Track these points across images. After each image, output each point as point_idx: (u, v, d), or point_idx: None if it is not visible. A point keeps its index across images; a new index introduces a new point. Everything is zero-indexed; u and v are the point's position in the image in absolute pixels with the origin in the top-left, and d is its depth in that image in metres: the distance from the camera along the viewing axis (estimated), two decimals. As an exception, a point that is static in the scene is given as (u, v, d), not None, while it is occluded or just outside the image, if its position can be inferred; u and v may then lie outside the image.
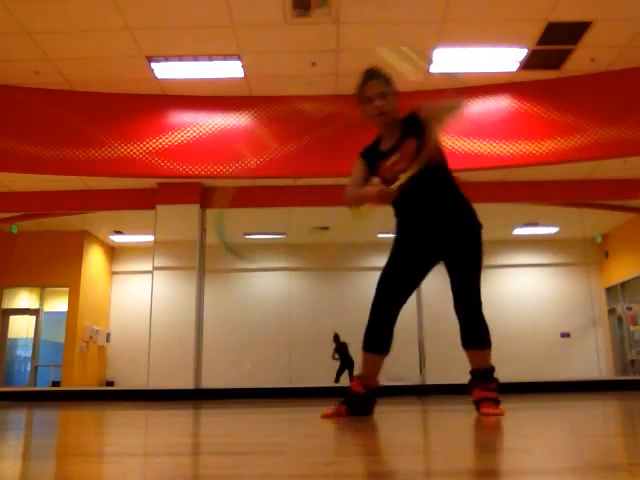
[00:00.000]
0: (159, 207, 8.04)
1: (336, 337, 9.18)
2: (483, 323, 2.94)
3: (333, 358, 9.14)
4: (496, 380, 2.90)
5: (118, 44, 6.54)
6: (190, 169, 7.53)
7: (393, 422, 2.77)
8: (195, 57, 6.87)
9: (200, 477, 1.23)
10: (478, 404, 2.82)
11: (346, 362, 9.20)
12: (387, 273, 3.04)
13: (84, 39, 6.47)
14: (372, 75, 3.03)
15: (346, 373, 9.09)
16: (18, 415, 4.14)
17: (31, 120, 7.46)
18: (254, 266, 9.49)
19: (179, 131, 7.59)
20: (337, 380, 9.09)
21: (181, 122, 7.65)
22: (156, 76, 7.20)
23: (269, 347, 8.91)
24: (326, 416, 2.79)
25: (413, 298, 9.64)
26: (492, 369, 2.90)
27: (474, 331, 2.93)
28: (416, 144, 2.83)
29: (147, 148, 7.51)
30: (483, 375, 2.88)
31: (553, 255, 10.75)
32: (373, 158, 2.97)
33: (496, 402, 2.81)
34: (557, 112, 7.32)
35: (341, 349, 9.20)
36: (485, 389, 2.85)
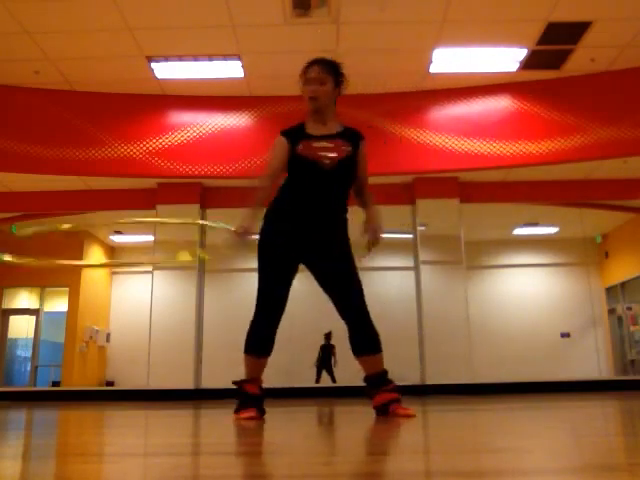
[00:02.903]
0: (159, 207, 8.03)
1: (328, 336, 9.15)
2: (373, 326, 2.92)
3: (333, 354, 9.14)
4: (392, 381, 2.87)
5: (118, 44, 6.54)
6: (190, 169, 7.53)
7: (393, 422, 2.77)
8: (195, 57, 6.87)
9: (200, 477, 1.23)
10: (386, 407, 2.77)
11: (324, 363, 9.24)
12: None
13: (84, 39, 6.47)
14: (318, 60, 3.11)
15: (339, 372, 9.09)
16: (18, 415, 4.14)
17: (31, 120, 7.46)
18: (254, 266, 9.47)
19: (179, 131, 7.59)
20: (334, 380, 9.07)
21: (181, 122, 7.64)
22: (156, 76, 7.20)
23: (269, 347, 8.89)
24: (245, 419, 2.75)
25: (413, 298, 9.61)
26: (386, 371, 2.88)
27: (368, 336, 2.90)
28: (350, 151, 2.98)
29: (147, 148, 7.51)
30: (381, 379, 2.85)
31: (553, 255, 10.74)
32: (296, 138, 2.99)
33: (400, 402, 2.81)
34: (557, 112, 7.32)
35: (329, 349, 9.19)
36: (388, 391, 2.82)
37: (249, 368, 2.95)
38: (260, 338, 2.93)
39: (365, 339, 2.88)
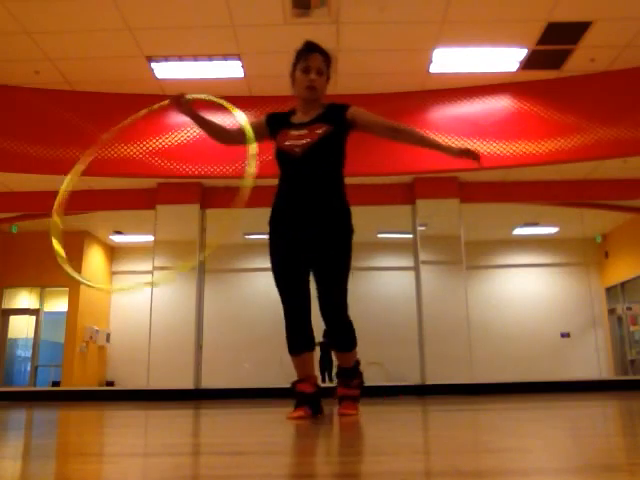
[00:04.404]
0: (159, 207, 8.04)
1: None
2: (349, 324, 2.90)
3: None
4: (360, 376, 2.98)
5: (118, 44, 6.54)
6: (190, 169, 7.53)
7: (393, 422, 2.77)
8: (195, 57, 6.87)
9: (200, 477, 1.23)
10: (339, 402, 2.91)
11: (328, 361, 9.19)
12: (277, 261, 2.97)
13: (84, 39, 6.47)
14: (317, 48, 2.95)
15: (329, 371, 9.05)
16: (18, 415, 4.14)
17: (31, 120, 7.45)
18: (254, 266, 9.48)
19: (179, 131, 7.59)
20: (331, 379, 9.06)
21: (181, 122, 7.63)
22: (156, 76, 7.20)
23: (269, 347, 8.90)
24: (294, 418, 2.73)
25: (413, 298, 9.58)
26: (356, 366, 2.97)
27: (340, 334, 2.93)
28: (327, 131, 2.84)
29: (147, 148, 7.51)
30: (346, 373, 2.95)
31: (553, 255, 10.74)
32: (279, 125, 2.98)
33: (356, 400, 2.92)
34: (557, 112, 7.32)
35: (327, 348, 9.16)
36: (347, 387, 2.93)
37: (296, 368, 2.98)
38: (291, 336, 2.94)
39: (337, 338, 2.93)
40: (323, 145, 2.84)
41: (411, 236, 8.21)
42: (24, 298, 10.89)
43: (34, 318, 10.48)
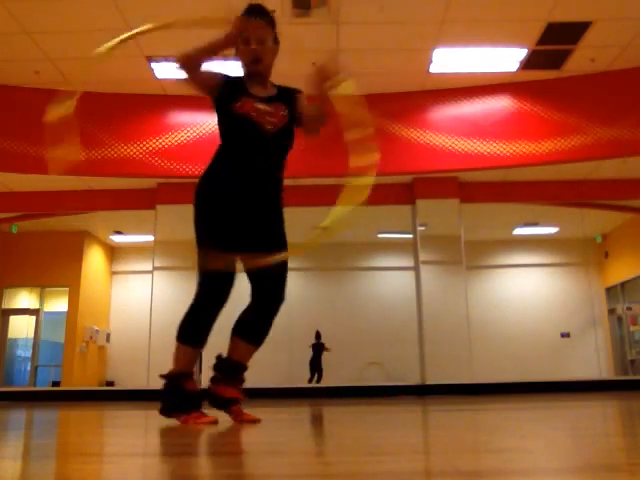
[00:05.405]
0: (159, 207, 8.04)
1: (318, 335, 9.06)
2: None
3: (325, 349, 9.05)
4: (244, 381, 2.65)
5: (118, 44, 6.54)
6: (190, 169, 7.53)
7: (393, 422, 2.77)
8: (195, 57, 6.87)
9: (200, 477, 1.23)
10: (227, 403, 2.53)
11: (315, 361, 9.11)
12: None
13: (84, 39, 6.46)
14: (257, 11, 2.66)
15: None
16: (18, 415, 4.13)
17: (31, 120, 7.45)
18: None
19: (179, 131, 7.59)
20: (319, 379, 9.04)
21: (181, 122, 7.64)
22: (156, 76, 7.20)
23: (269, 347, 8.90)
24: (204, 423, 2.53)
25: (413, 298, 9.57)
26: (246, 368, 2.64)
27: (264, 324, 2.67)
28: (288, 116, 2.58)
29: (147, 148, 7.51)
30: (239, 371, 2.62)
31: (553, 255, 10.75)
32: (234, 89, 2.62)
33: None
34: (557, 112, 7.32)
35: (319, 347, 9.10)
36: (237, 389, 2.59)
37: (186, 361, 2.74)
38: (205, 326, 2.74)
39: (257, 325, 2.69)
40: (287, 131, 2.57)
41: (411, 236, 8.21)
42: (24, 298, 10.89)
43: (34, 318, 10.48)
